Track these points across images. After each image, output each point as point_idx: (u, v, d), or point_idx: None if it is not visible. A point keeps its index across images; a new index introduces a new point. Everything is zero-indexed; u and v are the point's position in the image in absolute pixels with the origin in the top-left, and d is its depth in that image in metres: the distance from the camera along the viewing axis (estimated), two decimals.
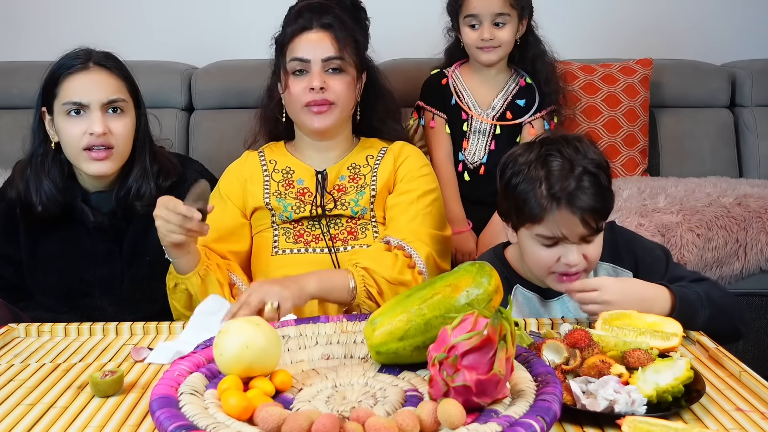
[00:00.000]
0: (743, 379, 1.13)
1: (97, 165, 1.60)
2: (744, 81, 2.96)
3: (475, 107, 2.13)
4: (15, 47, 3.03)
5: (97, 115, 1.58)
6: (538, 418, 0.84)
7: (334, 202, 1.61)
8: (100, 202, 1.65)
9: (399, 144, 1.72)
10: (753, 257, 2.30)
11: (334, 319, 1.20)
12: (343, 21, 1.63)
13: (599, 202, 1.31)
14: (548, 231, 1.32)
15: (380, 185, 1.63)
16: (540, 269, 1.38)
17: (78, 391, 1.11)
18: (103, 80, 1.60)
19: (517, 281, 1.46)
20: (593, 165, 1.32)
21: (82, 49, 1.65)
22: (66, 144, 1.61)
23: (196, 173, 1.76)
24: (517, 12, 2.04)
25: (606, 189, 1.34)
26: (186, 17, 3.05)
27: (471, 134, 2.13)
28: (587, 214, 1.30)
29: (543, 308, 1.45)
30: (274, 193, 1.62)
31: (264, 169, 1.66)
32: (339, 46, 1.59)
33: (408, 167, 1.66)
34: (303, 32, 1.61)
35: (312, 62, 1.58)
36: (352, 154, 1.69)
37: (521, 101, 2.14)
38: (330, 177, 1.64)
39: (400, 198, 1.63)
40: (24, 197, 1.62)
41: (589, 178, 1.31)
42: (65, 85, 1.59)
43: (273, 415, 0.87)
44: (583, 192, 1.30)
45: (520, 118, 2.13)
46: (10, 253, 1.69)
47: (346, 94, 1.61)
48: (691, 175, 2.73)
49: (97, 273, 1.67)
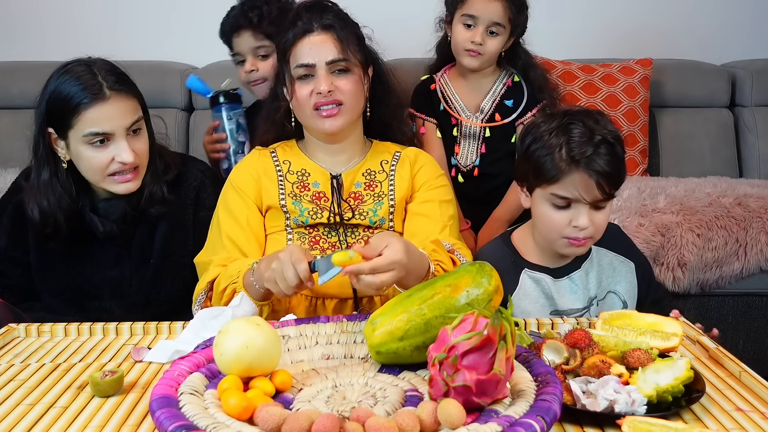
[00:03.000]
0: (743, 379, 1.13)
1: (124, 186, 1.59)
2: (744, 81, 2.96)
3: (463, 111, 2.14)
4: (15, 47, 3.03)
5: (123, 144, 1.56)
6: (538, 418, 0.84)
7: (352, 211, 1.58)
8: (108, 210, 1.65)
9: (413, 151, 1.69)
10: (753, 257, 2.31)
11: (334, 319, 1.20)
12: (342, 18, 1.59)
13: (614, 169, 1.40)
14: (564, 191, 1.40)
15: (399, 197, 1.60)
16: (551, 232, 1.45)
17: (78, 391, 1.11)
18: (122, 106, 1.57)
19: (525, 265, 1.51)
20: (611, 136, 1.42)
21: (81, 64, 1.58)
22: (89, 169, 1.59)
23: (199, 172, 1.76)
24: (511, 28, 2.06)
25: (620, 159, 1.42)
26: (186, 17, 3.05)
27: (462, 139, 2.14)
28: (602, 178, 1.39)
29: (554, 287, 1.50)
30: (290, 195, 1.58)
31: (278, 169, 1.62)
32: (342, 47, 1.55)
33: (425, 176, 1.63)
34: (304, 35, 1.56)
35: (317, 66, 1.54)
36: (366, 160, 1.65)
37: (509, 101, 2.13)
38: (345, 183, 1.60)
39: (421, 207, 1.60)
40: (41, 223, 1.60)
41: (607, 147, 1.40)
42: (84, 116, 1.54)
43: (273, 415, 0.87)
44: (600, 157, 1.39)
45: (508, 118, 2.12)
46: (18, 255, 1.68)
47: (354, 93, 1.57)
48: (691, 175, 2.74)
49: (106, 276, 1.67)
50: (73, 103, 1.53)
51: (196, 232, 1.68)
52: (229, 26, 2.11)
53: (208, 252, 1.58)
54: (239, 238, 1.55)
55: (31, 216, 1.60)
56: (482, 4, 2.02)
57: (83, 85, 1.54)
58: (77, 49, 1.70)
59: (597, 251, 1.55)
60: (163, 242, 1.67)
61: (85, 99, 1.53)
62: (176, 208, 1.69)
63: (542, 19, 2.24)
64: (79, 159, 1.58)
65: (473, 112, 2.14)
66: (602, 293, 1.54)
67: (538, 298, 1.50)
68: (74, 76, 1.55)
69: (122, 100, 1.57)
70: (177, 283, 1.68)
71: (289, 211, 1.57)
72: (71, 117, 1.54)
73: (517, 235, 1.58)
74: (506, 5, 2.01)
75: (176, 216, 1.69)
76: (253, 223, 1.58)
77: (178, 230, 1.69)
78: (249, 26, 2.06)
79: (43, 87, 1.59)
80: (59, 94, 1.55)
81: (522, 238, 1.56)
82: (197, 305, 1.50)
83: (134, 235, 1.67)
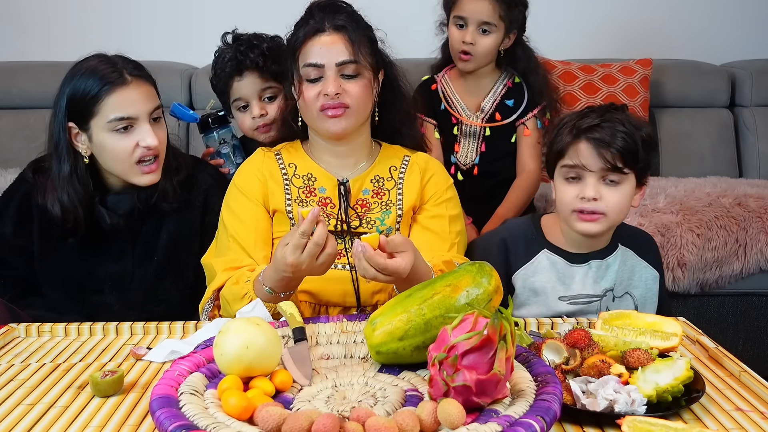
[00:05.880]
0: (743, 379, 1.13)
1: (149, 177, 1.60)
2: (744, 81, 2.96)
3: (464, 111, 2.16)
4: (15, 47, 3.03)
5: (147, 128, 1.57)
6: (538, 417, 0.84)
7: (359, 220, 1.56)
8: (117, 204, 1.65)
9: (423, 157, 1.65)
10: (753, 257, 2.31)
11: (334, 319, 1.20)
12: (356, 20, 1.55)
13: (620, 141, 1.42)
14: (570, 160, 1.46)
15: (407, 206, 1.57)
16: (564, 206, 1.49)
17: (78, 391, 1.11)
18: (143, 91, 1.59)
19: (546, 246, 1.56)
20: (628, 120, 1.46)
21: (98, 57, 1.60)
22: (115, 159, 1.59)
23: (210, 176, 1.76)
24: (505, 25, 2.06)
25: (629, 134, 1.43)
26: (186, 17, 3.05)
27: (462, 138, 2.17)
28: (604, 147, 1.42)
29: (567, 272, 1.54)
30: (296, 200, 1.55)
31: (283, 172, 1.58)
32: (353, 49, 1.50)
33: (435, 187, 1.60)
34: (315, 35, 1.51)
35: (326, 67, 1.50)
36: (375, 165, 1.61)
37: (509, 101, 2.15)
38: (353, 190, 1.57)
39: (430, 222, 1.58)
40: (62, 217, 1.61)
41: (615, 123, 1.44)
42: (107, 102, 1.55)
43: (273, 415, 0.87)
44: (604, 129, 1.43)
45: (509, 118, 2.15)
46: (22, 245, 1.69)
47: (362, 97, 1.52)
48: (690, 175, 2.74)
49: (109, 270, 1.67)
50: (95, 90, 1.55)
51: (203, 235, 1.68)
52: (230, 69, 1.91)
53: (215, 252, 1.56)
54: (244, 239, 1.53)
55: (51, 211, 1.61)
56: (470, 4, 2.05)
57: (103, 72, 1.56)
58: (77, 49, 1.71)
59: (624, 251, 1.57)
60: (169, 240, 1.67)
61: (107, 85, 1.55)
62: (185, 208, 1.70)
63: (542, 19, 2.25)
64: (103, 149, 1.59)
65: (473, 111, 2.16)
66: (620, 291, 1.56)
67: (550, 279, 1.54)
68: (93, 68, 1.57)
69: (143, 86, 1.59)
70: (178, 284, 1.68)
71: (295, 217, 1.54)
72: (94, 105, 1.55)
73: (546, 218, 1.61)
74: (494, 4, 2.03)
75: (184, 216, 1.69)
76: (259, 221, 1.55)
77: (185, 230, 1.69)
78: (255, 68, 1.89)
79: (62, 83, 1.60)
80: (79, 85, 1.56)
81: (550, 222, 1.59)
82: (204, 315, 1.49)
83: (140, 230, 1.68)
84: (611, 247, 1.55)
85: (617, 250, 1.56)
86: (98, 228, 1.65)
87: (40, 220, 1.66)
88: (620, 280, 1.56)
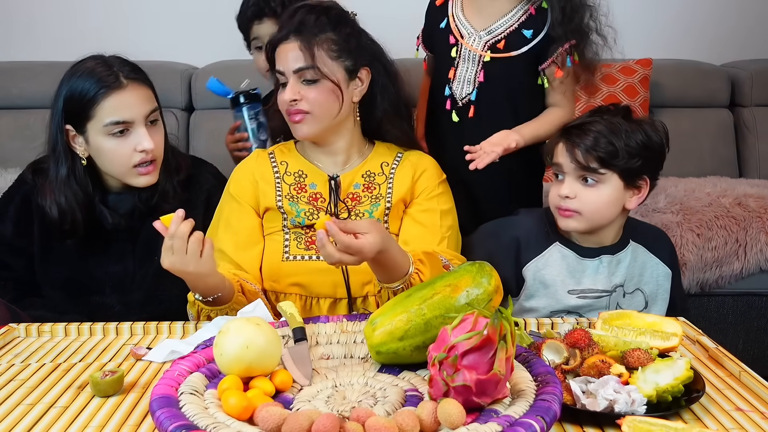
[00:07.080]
0: (743, 379, 1.13)
1: (145, 178, 1.61)
2: (744, 81, 2.96)
3: (465, 29, 1.81)
4: (15, 48, 3.03)
5: (143, 131, 1.57)
6: (538, 418, 0.84)
7: (348, 212, 1.57)
8: (118, 204, 1.66)
9: (416, 154, 1.65)
10: (753, 257, 2.31)
11: (334, 319, 1.20)
12: (320, 24, 1.52)
13: (589, 142, 1.46)
14: (552, 160, 1.53)
15: (396, 198, 1.58)
16: (551, 203, 1.55)
17: (78, 391, 1.11)
18: (140, 94, 1.58)
19: (557, 239, 1.57)
20: (617, 123, 1.47)
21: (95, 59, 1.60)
22: (112, 162, 1.59)
23: (211, 176, 1.76)
24: None
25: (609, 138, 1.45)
26: (186, 17, 3.05)
27: (460, 62, 1.81)
28: (579, 148, 1.46)
29: (578, 266, 1.55)
30: (287, 196, 1.58)
31: (275, 171, 1.62)
32: (309, 54, 1.49)
33: (426, 182, 1.61)
34: (281, 42, 1.53)
35: (286, 74, 1.52)
36: (366, 162, 1.62)
37: (527, 31, 1.77)
38: (343, 184, 1.59)
39: (421, 216, 1.59)
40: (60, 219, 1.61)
41: (601, 126, 1.47)
42: (103, 105, 1.55)
43: (273, 415, 0.87)
44: (580, 129, 1.48)
45: (519, 50, 1.77)
46: (22, 246, 1.69)
47: (323, 102, 1.51)
48: (691, 175, 2.74)
49: (110, 271, 1.67)
50: (91, 93, 1.54)
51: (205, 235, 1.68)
52: (251, 13, 2.09)
53: None
54: (233, 252, 1.56)
55: (49, 213, 1.61)
56: None
57: (99, 75, 1.56)
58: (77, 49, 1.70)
59: (635, 247, 1.57)
60: None
61: (103, 89, 1.54)
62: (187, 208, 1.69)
63: None
64: (100, 152, 1.59)
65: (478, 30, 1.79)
66: (630, 287, 1.56)
67: (560, 272, 1.54)
68: (89, 70, 1.57)
69: (139, 89, 1.59)
70: (179, 284, 1.67)
71: (286, 212, 1.57)
72: (90, 108, 1.55)
73: None
74: None
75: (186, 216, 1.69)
76: (250, 230, 1.59)
77: None
78: (273, 15, 2.05)
79: (59, 85, 1.60)
80: (76, 88, 1.56)
81: None
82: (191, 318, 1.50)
83: (141, 231, 1.68)
84: (623, 242, 1.56)
85: (628, 246, 1.56)
86: (98, 229, 1.65)
87: (40, 222, 1.66)
88: (631, 276, 1.56)
